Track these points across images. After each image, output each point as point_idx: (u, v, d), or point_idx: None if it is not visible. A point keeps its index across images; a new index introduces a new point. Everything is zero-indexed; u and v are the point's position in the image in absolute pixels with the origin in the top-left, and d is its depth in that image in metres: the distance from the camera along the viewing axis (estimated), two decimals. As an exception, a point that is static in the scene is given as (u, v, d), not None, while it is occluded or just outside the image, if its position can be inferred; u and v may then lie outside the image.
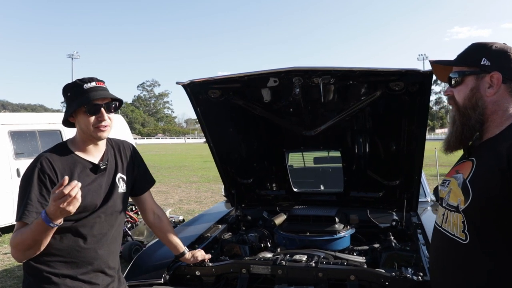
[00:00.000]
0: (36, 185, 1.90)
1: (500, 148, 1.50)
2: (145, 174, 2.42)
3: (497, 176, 1.46)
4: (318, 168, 5.62)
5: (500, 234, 1.49)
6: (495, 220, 1.49)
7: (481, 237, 1.53)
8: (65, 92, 2.06)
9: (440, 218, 1.74)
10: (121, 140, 2.36)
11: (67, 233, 1.97)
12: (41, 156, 1.98)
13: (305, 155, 5.83)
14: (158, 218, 2.50)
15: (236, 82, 2.92)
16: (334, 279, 2.48)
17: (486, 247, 1.52)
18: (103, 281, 2.11)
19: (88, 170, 2.06)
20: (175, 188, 15.11)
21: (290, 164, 5.85)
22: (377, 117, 3.03)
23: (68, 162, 2.01)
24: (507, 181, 1.43)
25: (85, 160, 2.07)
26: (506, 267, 1.49)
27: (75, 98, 2.00)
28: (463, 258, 1.59)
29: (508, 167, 1.43)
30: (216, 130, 3.37)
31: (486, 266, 1.53)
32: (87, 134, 2.05)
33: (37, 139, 8.59)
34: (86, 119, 2.00)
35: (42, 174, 1.92)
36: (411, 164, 3.11)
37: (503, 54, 1.64)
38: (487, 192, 1.50)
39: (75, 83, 2.04)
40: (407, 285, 2.32)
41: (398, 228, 3.29)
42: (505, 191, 1.44)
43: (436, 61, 1.82)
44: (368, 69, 2.64)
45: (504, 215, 1.46)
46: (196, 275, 2.69)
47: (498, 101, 1.63)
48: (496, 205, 1.47)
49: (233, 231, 3.60)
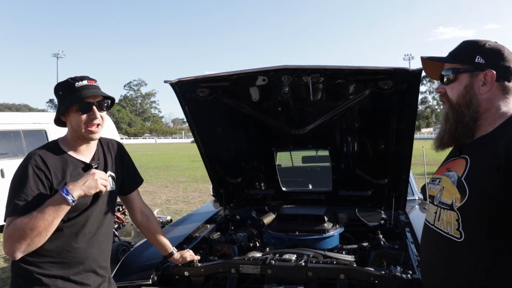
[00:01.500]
0: (32, 180, 1.87)
1: (496, 146, 1.50)
2: (133, 172, 2.41)
3: (495, 174, 1.46)
4: (307, 167, 5.62)
5: (499, 232, 1.49)
6: (494, 218, 1.49)
7: (478, 234, 1.53)
8: (57, 91, 2.05)
9: (432, 216, 1.73)
10: (109, 139, 2.34)
11: (58, 233, 1.93)
12: (34, 154, 1.95)
13: (293, 154, 5.83)
14: (146, 218, 2.47)
15: (224, 80, 2.90)
16: (323, 278, 2.48)
17: (483, 244, 1.52)
18: (94, 282, 2.09)
19: (79, 170, 2.04)
20: (162, 188, 15.02)
21: (278, 164, 5.87)
22: (366, 115, 3.04)
23: (60, 161, 1.99)
24: (506, 179, 1.43)
25: (77, 159, 2.05)
26: (504, 265, 1.49)
27: (67, 97, 1.99)
28: (458, 256, 1.59)
29: (506, 165, 1.43)
30: (204, 129, 3.34)
31: (482, 263, 1.52)
32: (78, 134, 2.03)
33: (22, 139, 8.45)
34: (77, 117, 1.99)
35: (37, 169, 1.89)
36: (399, 163, 3.12)
37: (496, 52, 1.65)
38: (485, 190, 1.49)
39: (67, 81, 2.02)
40: (396, 284, 2.33)
41: (386, 227, 3.31)
42: (504, 189, 1.44)
43: (428, 57, 1.81)
44: (357, 68, 2.64)
45: (504, 213, 1.46)
46: (184, 275, 2.67)
47: (491, 99, 1.63)
48: (495, 203, 1.47)
49: (222, 231, 3.59)
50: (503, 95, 1.64)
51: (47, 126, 8.74)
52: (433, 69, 1.84)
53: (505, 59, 1.63)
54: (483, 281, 1.52)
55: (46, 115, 10.10)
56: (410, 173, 3.47)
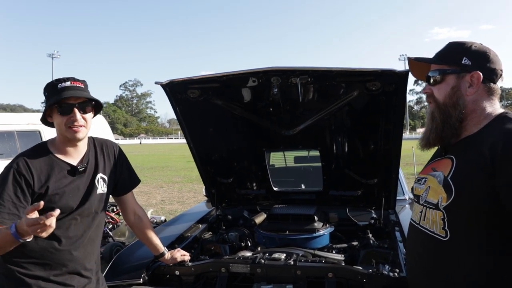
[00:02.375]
0: (11, 185, 1.88)
1: (482, 146, 1.53)
2: (129, 174, 2.42)
3: (480, 174, 1.50)
4: (300, 167, 5.65)
5: (484, 231, 1.53)
6: (479, 217, 1.53)
7: (463, 234, 1.56)
8: (44, 92, 2.06)
9: (418, 215, 1.76)
10: (105, 140, 2.34)
11: None
12: (18, 157, 1.96)
13: (286, 155, 5.86)
14: (139, 218, 2.50)
15: (215, 82, 2.92)
16: (312, 277, 2.51)
17: (468, 243, 1.55)
18: (79, 283, 2.10)
19: (65, 172, 2.04)
20: (158, 188, 15.02)
21: (271, 164, 5.91)
22: (354, 116, 3.07)
23: (45, 164, 2.00)
24: (491, 179, 1.47)
25: (63, 161, 2.06)
26: (489, 263, 1.52)
27: (50, 97, 2.00)
28: (442, 254, 1.62)
29: (492, 166, 1.47)
30: (195, 130, 3.36)
31: (467, 262, 1.56)
32: (62, 135, 2.04)
33: (16, 140, 8.44)
34: (58, 118, 2.00)
35: (18, 174, 1.90)
36: (388, 163, 3.15)
37: (482, 54, 1.68)
38: (471, 189, 1.53)
39: (52, 82, 2.04)
40: (384, 282, 2.36)
41: (376, 226, 3.34)
42: (489, 188, 1.47)
43: (415, 58, 1.84)
44: (345, 69, 2.67)
45: (489, 213, 1.50)
46: (175, 274, 2.69)
47: (477, 100, 1.67)
48: (480, 203, 1.51)
49: (214, 231, 3.61)
50: (488, 96, 1.67)
51: (41, 126, 8.65)
52: (420, 70, 1.86)
53: (491, 61, 1.67)
54: (468, 280, 1.55)
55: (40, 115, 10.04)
56: (399, 173, 3.50)
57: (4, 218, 1.83)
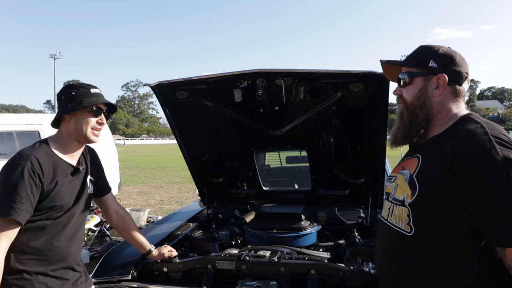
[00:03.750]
0: (27, 183, 1.94)
1: (445, 145, 1.60)
2: (105, 177, 2.53)
3: (442, 171, 1.56)
4: (294, 168, 5.71)
5: (446, 227, 1.59)
6: (442, 214, 1.59)
7: (426, 229, 1.63)
8: (68, 90, 2.16)
9: (386, 211, 1.84)
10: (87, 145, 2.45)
11: (41, 231, 2.04)
12: (29, 155, 2.00)
13: (281, 155, 5.93)
14: (121, 218, 2.59)
15: (202, 83, 2.99)
16: (295, 274, 2.57)
17: (432, 238, 1.62)
18: (73, 277, 2.20)
19: (68, 172, 2.15)
20: (157, 188, 15.10)
21: (267, 164, 5.97)
22: (339, 117, 3.12)
23: (51, 163, 2.08)
24: (451, 176, 1.53)
25: (65, 162, 2.15)
26: (450, 258, 1.58)
27: (82, 98, 2.12)
28: (407, 249, 1.69)
29: (452, 163, 1.53)
30: (185, 130, 3.43)
31: (430, 257, 1.62)
32: (80, 135, 2.15)
33: (15, 140, 8.51)
34: (87, 119, 2.14)
35: (33, 172, 1.97)
36: (374, 162, 3.21)
37: (448, 57, 1.74)
38: (434, 186, 1.59)
39: (81, 84, 2.18)
40: (364, 278, 2.42)
41: (363, 225, 3.40)
42: (450, 185, 1.54)
43: (387, 61, 1.90)
44: (328, 71, 2.73)
45: (451, 209, 1.56)
46: (163, 271, 2.76)
47: (443, 101, 1.73)
48: (443, 199, 1.57)
49: (204, 229, 3.68)
50: (454, 98, 1.74)
51: (40, 127, 8.80)
52: (392, 72, 1.92)
53: (457, 64, 1.73)
54: (431, 274, 1.61)
55: (40, 116, 10.10)
56: (386, 172, 3.56)
57: (24, 216, 1.91)
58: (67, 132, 2.16)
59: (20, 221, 1.90)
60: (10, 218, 1.89)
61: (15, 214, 1.88)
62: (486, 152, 1.48)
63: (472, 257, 1.56)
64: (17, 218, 1.89)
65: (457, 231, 1.58)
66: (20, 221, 1.90)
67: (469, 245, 1.56)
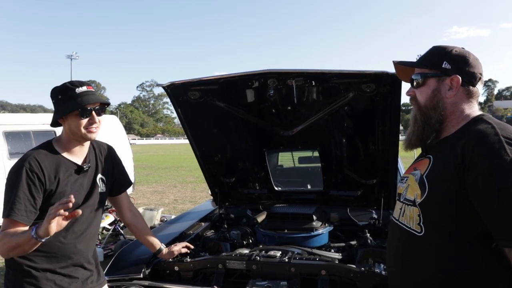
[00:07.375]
0: (25, 183, 1.98)
1: (456, 146, 1.59)
2: (123, 175, 2.53)
3: (451, 171, 1.55)
4: (308, 168, 5.70)
5: (456, 227, 1.58)
6: (451, 214, 1.58)
7: (436, 229, 1.62)
8: (55, 94, 2.16)
9: (398, 212, 1.83)
10: (102, 142, 2.46)
11: None
12: (28, 155, 2.06)
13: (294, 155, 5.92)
14: (134, 217, 2.61)
15: (213, 84, 3.01)
16: (306, 274, 2.57)
17: (441, 239, 1.61)
18: (83, 275, 2.22)
19: (72, 170, 2.16)
20: (171, 188, 15.19)
21: (280, 164, 5.97)
22: (351, 117, 3.11)
23: (53, 162, 2.10)
24: (460, 176, 1.52)
25: (70, 161, 2.17)
26: (459, 259, 1.57)
27: (67, 101, 2.10)
28: (417, 249, 1.68)
29: (461, 163, 1.52)
30: (197, 131, 3.45)
31: (440, 257, 1.61)
32: (77, 135, 2.15)
33: (32, 139, 8.66)
34: (77, 121, 2.11)
35: (31, 173, 2.00)
36: (386, 163, 3.19)
37: (462, 58, 1.73)
38: (443, 186, 1.58)
39: (66, 86, 2.14)
40: (375, 280, 2.40)
41: (375, 226, 3.37)
42: (459, 185, 1.53)
43: (399, 62, 1.89)
44: (339, 72, 2.72)
45: (460, 210, 1.55)
46: (174, 270, 2.78)
47: (456, 102, 1.72)
48: (452, 200, 1.56)
49: (216, 229, 3.69)
50: (467, 99, 1.72)
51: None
52: (405, 73, 1.91)
53: (470, 65, 1.71)
54: (440, 274, 1.60)
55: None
56: (399, 173, 3.53)
57: (22, 215, 1.94)
58: (67, 132, 2.18)
59: (19, 221, 1.94)
60: (11, 219, 1.94)
61: (14, 215, 1.93)
62: (495, 152, 1.46)
63: (482, 258, 1.54)
64: (16, 218, 1.93)
65: (467, 232, 1.57)
66: (20, 221, 1.93)
67: (479, 246, 1.55)
